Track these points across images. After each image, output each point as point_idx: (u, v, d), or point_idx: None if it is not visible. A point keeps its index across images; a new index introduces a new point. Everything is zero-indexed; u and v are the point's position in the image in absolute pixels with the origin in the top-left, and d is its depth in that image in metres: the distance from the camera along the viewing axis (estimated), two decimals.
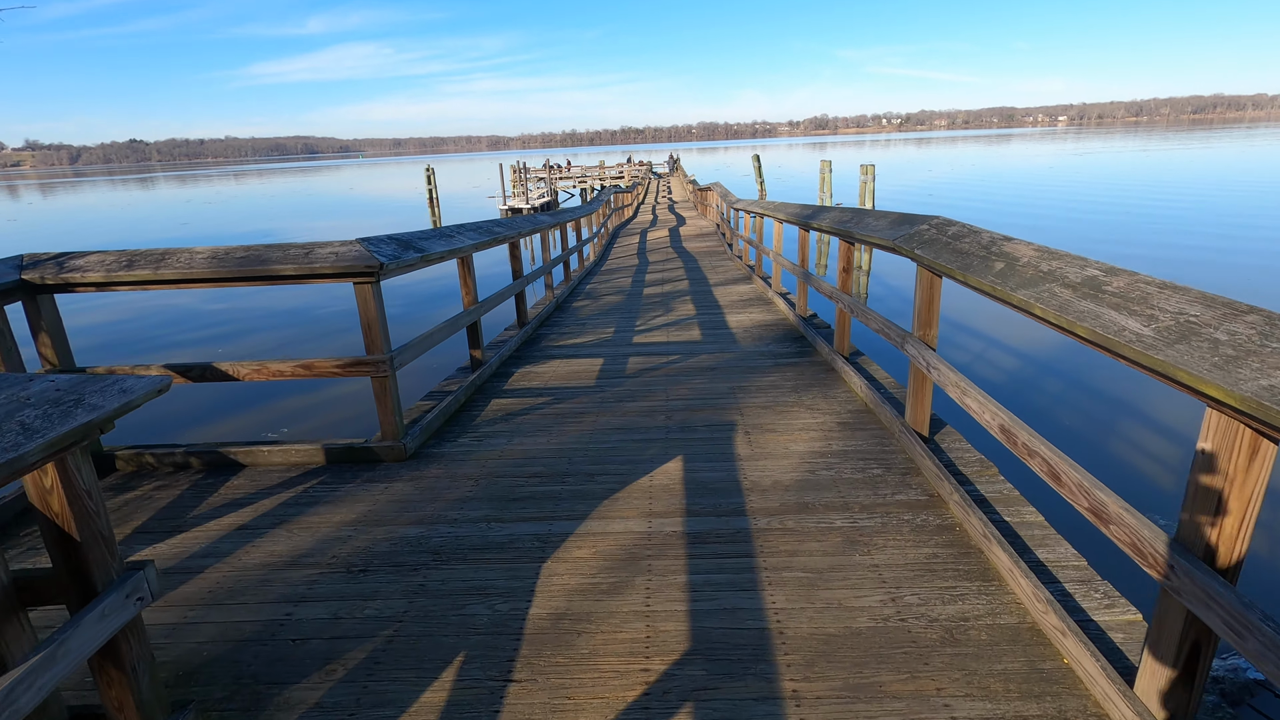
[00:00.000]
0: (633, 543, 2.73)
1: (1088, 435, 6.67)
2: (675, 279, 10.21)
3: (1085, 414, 7.19)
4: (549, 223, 7.62)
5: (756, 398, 4.37)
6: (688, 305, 7.93)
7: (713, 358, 5.45)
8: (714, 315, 7.23)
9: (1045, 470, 2.09)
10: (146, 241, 29.94)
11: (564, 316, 7.62)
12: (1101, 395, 7.64)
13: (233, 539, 2.88)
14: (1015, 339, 9.67)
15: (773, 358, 5.38)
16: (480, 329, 5.09)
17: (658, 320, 7.14)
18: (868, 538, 2.70)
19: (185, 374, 3.41)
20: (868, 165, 24.37)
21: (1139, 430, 6.71)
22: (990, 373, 8.52)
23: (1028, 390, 7.90)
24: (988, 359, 9.08)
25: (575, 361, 5.53)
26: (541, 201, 37.62)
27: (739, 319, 6.99)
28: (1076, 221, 22.90)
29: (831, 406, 4.15)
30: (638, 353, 5.74)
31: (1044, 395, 7.74)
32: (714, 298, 8.37)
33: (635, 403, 4.38)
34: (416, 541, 2.81)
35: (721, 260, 12.19)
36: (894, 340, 3.60)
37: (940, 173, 53.41)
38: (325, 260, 3.19)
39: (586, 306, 8.21)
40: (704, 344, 5.94)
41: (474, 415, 4.29)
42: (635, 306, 8.06)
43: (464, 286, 4.90)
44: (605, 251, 14.40)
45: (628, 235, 17.37)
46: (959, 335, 9.96)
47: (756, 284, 9.15)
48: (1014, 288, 2.14)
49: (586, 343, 6.22)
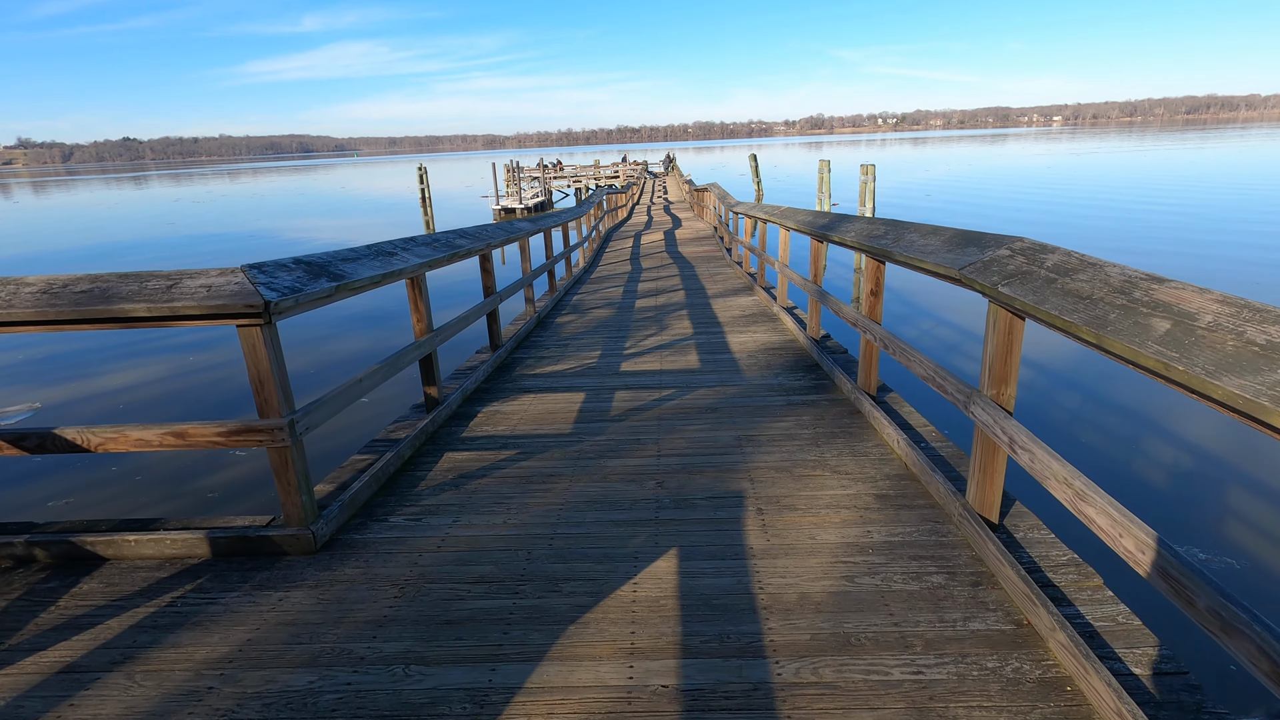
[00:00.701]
0: (606, 709, 1.91)
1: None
2: (670, 288, 9.39)
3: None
4: (528, 230, 6.78)
5: (769, 453, 3.55)
6: (684, 322, 7.10)
7: (714, 392, 4.62)
8: (714, 335, 6.41)
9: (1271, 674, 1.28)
10: (119, 246, 28.99)
11: (545, 335, 6.79)
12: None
13: (46, 692, 2.05)
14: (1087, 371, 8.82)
15: (784, 393, 4.55)
16: (435, 362, 4.25)
17: (650, 340, 6.31)
18: (942, 703, 1.88)
19: (17, 443, 2.57)
20: (868, 165, 23.56)
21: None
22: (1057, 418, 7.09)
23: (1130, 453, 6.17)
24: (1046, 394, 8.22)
25: (552, 397, 4.70)
26: (535, 201, 36.75)
27: (742, 340, 6.16)
28: (1085, 221, 22.15)
29: (864, 469, 3.33)
30: (626, 384, 4.91)
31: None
32: (713, 312, 7.54)
33: (619, 459, 3.55)
34: (301, 700, 1.98)
35: (720, 267, 11.37)
36: (953, 397, 2.78)
37: (937, 172, 52.73)
38: (193, 296, 2.35)
39: (572, 323, 7.38)
40: (703, 373, 5.12)
41: (419, 476, 3.46)
42: (626, 322, 7.24)
43: (414, 312, 4.07)
44: (597, 256, 13.57)
45: (621, 238, 16.54)
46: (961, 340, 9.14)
47: (759, 296, 8.33)
48: (1213, 372, 1.32)
49: (568, 370, 5.39)
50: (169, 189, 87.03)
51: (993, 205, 29.23)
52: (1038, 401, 7.45)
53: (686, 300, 8.41)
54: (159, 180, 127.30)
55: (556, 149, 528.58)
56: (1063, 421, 6.90)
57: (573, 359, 5.75)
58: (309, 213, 44.88)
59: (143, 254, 25.03)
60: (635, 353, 5.87)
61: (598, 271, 11.67)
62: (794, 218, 5.88)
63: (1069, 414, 7.09)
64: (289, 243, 27.59)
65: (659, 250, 13.90)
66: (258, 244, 27.73)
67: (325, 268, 2.84)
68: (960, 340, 10.02)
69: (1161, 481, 5.68)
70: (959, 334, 10.29)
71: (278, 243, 27.66)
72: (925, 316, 11.36)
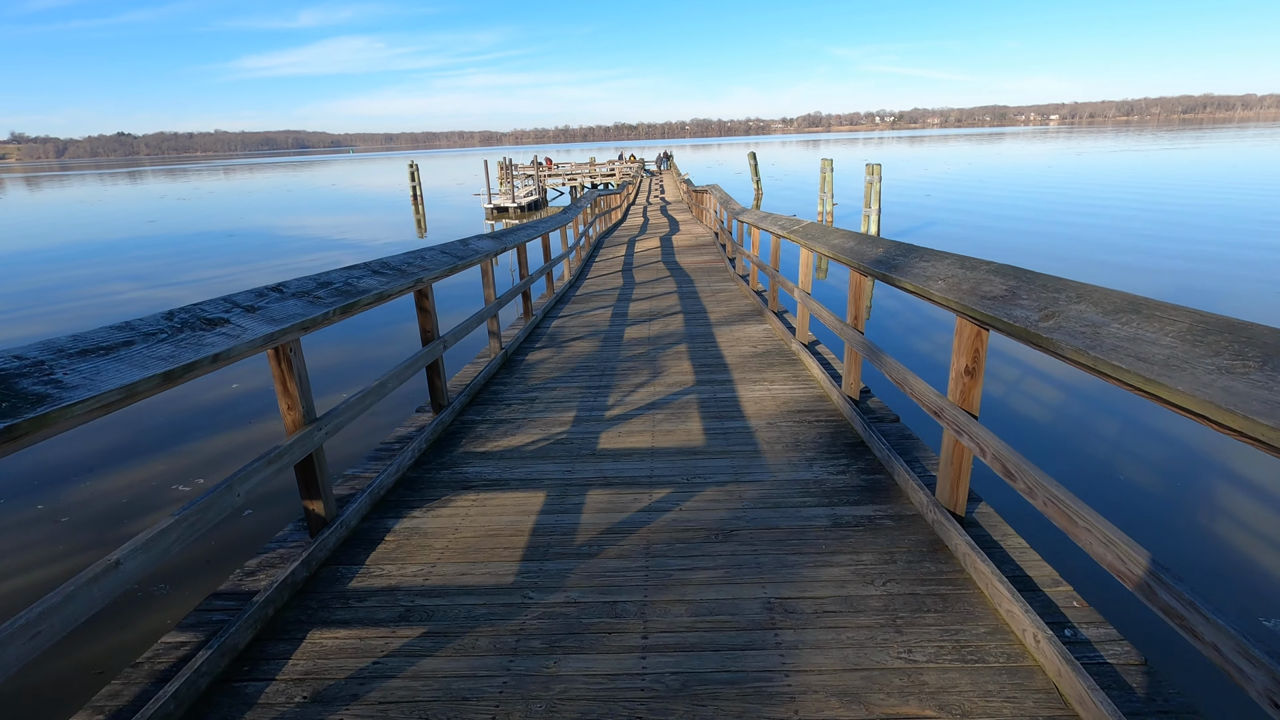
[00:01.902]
0: None
1: None
2: (667, 310, 8.04)
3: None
4: (488, 250, 5.43)
5: (823, 650, 2.17)
6: (682, 362, 5.76)
7: (725, 495, 3.28)
8: (720, 386, 5.06)
9: None
10: (87, 247, 27.52)
11: (510, 381, 5.43)
12: None
13: None
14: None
15: (826, 498, 3.20)
16: (320, 466, 2.89)
17: (640, 393, 4.96)
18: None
19: None
20: (873, 165, 22.23)
21: None
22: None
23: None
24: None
25: (499, 500, 3.34)
26: (529, 200, 35.37)
27: (757, 395, 4.82)
28: (1097, 223, 20.83)
29: (987, 698, 1.97)
30: (604, 475, 3.56)
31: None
32: (718, 348, 6.20)
33: (579, 659, 2.21)
34: None
35: (723, 281, 10.03)
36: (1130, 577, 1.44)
37: (936, 171, 51.54)
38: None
39: (546, 361, 6.02)
40: (709, 455, 3.77)
41: (251, 694, 2.11)
42: (612, 361, 5.89)
43: (283, 397, 2.71)
44: (585, 266, 12.21)
45: (613, 245, 15.18)
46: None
47: (771, 324, 6.99)
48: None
49: (529, 447, 4.03)
50: (158, 185, 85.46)
51: (996, 204, 27.91)
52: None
53: (685, 328, 7.06)
54: (152, 176, 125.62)
55: (554, 146, 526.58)
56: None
57: (538, 424, 4.40)
58: (295, 210, 43.57)
59: (108, 256, 23.58)
60: (620, 415, 4.52)
61: (585, 285, 10.32)
62: (826, 241, 4.53)
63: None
64: (272, 241, 26.18)
65: (654, 260, 12.54)
66: (234, 244, 26.35)
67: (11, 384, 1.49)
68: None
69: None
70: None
71: (258, 242, 26.25)
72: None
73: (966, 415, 2.62)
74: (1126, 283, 12.94)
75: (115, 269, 20.92)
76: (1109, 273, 13.99)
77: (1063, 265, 15.03)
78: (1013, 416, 7.16)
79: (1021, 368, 8.46)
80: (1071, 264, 15.09)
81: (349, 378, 9.00)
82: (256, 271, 19.40)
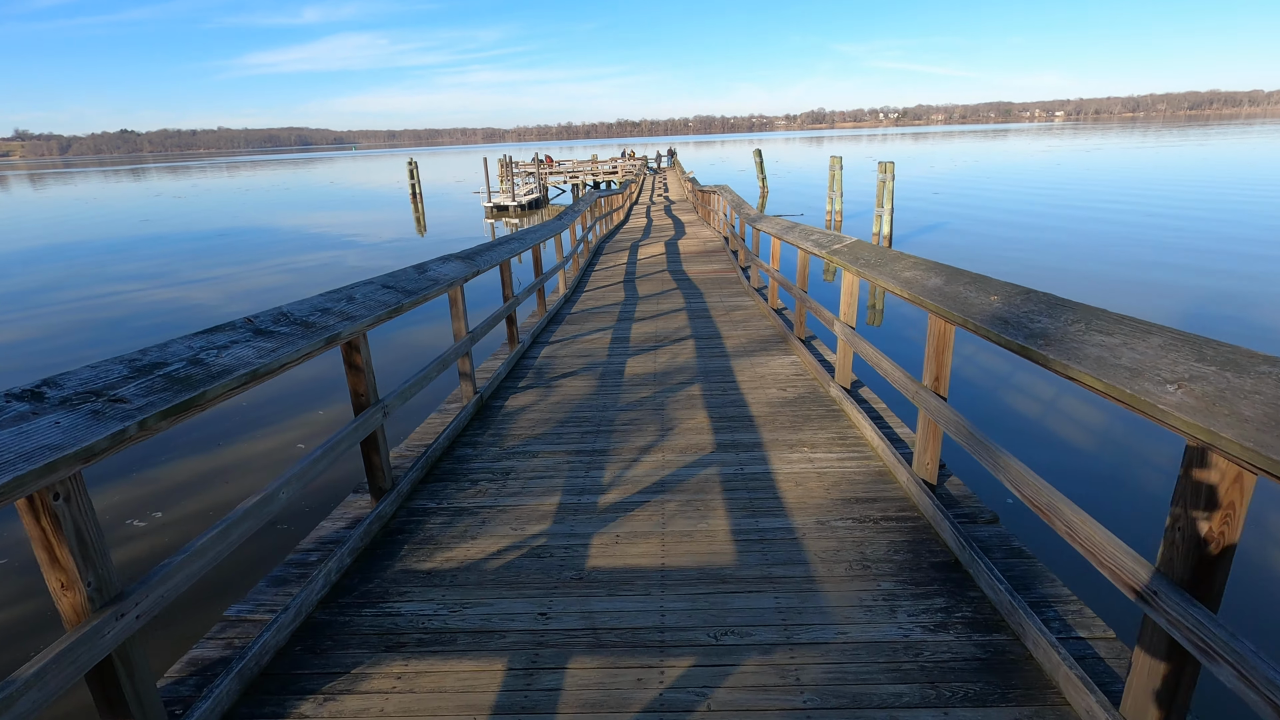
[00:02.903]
0: None
1: None
2: (675, 335, 6.94)
3: None
4: (453, 277, 4.33)
5: None
6: (697, 412, 4.65)
7: (773, 674, 2.16)
8: (748, 452, 3.95)
9: None
10: (63, 247, 26.47)
11: (479, 443, 4.31)
12: None
13: None
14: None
15: (931, 688, 2.08)
16: (134, 673, 1.79)
17: (644, 465, 3.84)
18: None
19: None
20: (886, 162, 21.05)
21: None
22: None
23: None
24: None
25: (431, 679, 2.21)
26: (530, 198, 34.23)
27: (796, 468, 3.71)
28: (1110, 223, 19.61)
29: None
30: (591, 634, 2.42)
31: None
32: (739, 390, 5.10)
33: None
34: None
35: (736, 296, 8.92)
36: None
37: (943, 168, 50.33)
38: None
39: (527, 410, 4.91)
40: (743, 585, 2.65)
41: None
42: (609, 410, 4.78)
43: (51, 571, 1.63)
44: (584, 275, 11.11)
45: (615, 250, 14.06)
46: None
47: (799, 355, 5.89)
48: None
49: (490, 562, 2.91)
50: (157, 183, 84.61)
51: (1012, 202, 26.67)
52: None
53: (698, 360, 5.96)
54: (154, 173, 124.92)
55: (557, 143, 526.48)
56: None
57: (509, 516, 3.29)
58: (292, 209, 42.63)
59: (82, 259, 22.51)
60: (618, 501, 3.41)
61: (583, 298, 9.21)
62: (892, 272, 3.40)
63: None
64: (265, 242, 25.08)
65: (659, 269, 11.42)
66: (224, 245, 25.31)
67: None
68: None
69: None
70: None
71: (250, 242, 25.16)
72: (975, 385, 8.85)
73: (1204, 612, 1.51)
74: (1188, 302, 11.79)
75: (79, 275, 19.85)
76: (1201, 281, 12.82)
77: (1156, 277, 13.87)
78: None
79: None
80: (1166, 273, 13.92)
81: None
82: (249, 273, 18.31)
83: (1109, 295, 12.03)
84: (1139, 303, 11.59)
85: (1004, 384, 8.15)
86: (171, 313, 14.30)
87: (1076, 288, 12.66)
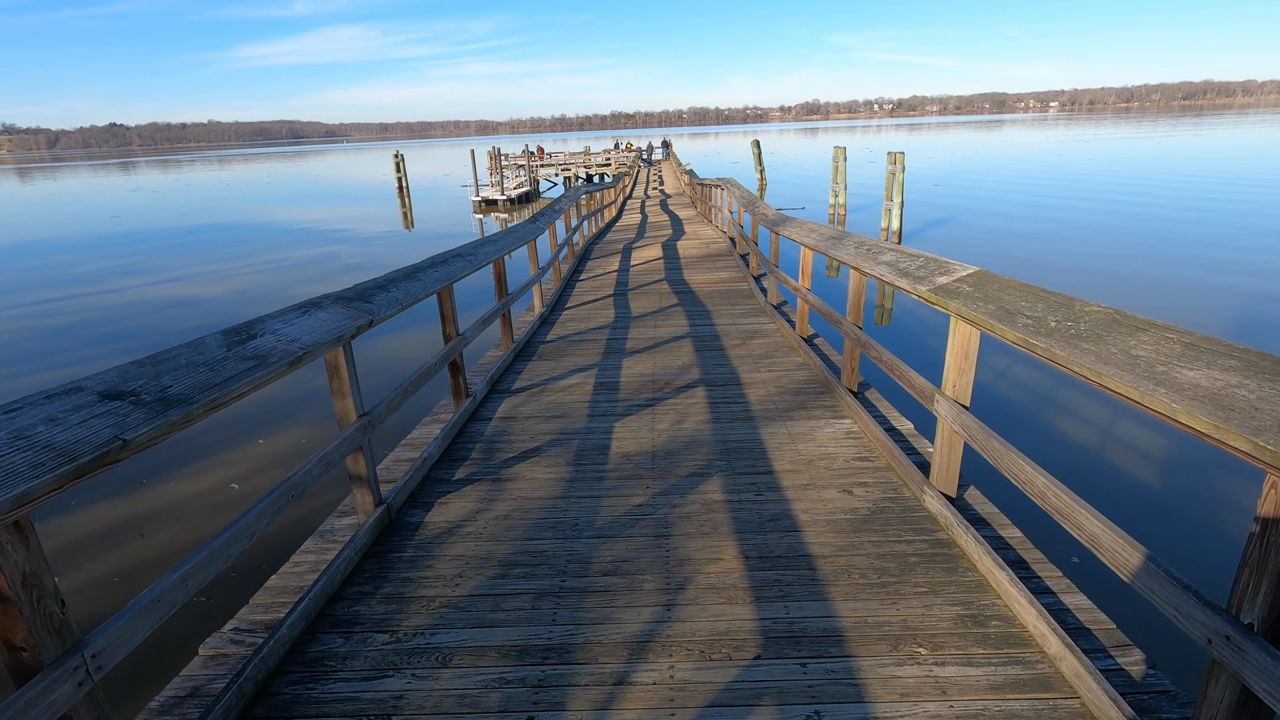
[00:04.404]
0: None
1: None
2: (679, 379, 5.20)
3: None
4: (309, 344, 2.55)
5: None
6: (723, 551, 2.89)
7: None
8: (818, 659, 2.21)
9: None
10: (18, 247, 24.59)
11: (358, 621, 2.54)
12: None
13: None
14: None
15: None
16: None
17: (638, 693, 2.12)
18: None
19: None
20: (896, 153, 19.30)
21: None
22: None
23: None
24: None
25: None
26: (519, 191, 32.33)
27: (930, 713, 1.98)
28: (1122, 217, 17.90)
29: None
30: None
31: None
32: (782, 498, 3.34)
33: None
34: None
35: (752, 317, 7.18)
36: None
37: (941, 159, 48.78)
38: None
39: (456, 538, 3.11)
40: None
41: None
42: (582, 535, 3.03)
43: None
44: (567, 287, 9.32)
45: (604, 255, 12.26)
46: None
47: (857, 421, 4.17)
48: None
49: None
50: (141, 177, 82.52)
51: (1011, 199, 24.95)
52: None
53: (713, 431, 4.20)
54: (143, 167, 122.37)
55: (550, 135, 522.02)
56: None
57: None
58: (274, 203, 40.91)
59: (36, 260, 20.62)
60: None
61: (563, 321, 7.44)
62: (1072, 317, 1.66)
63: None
64: (235, 239, 23.17)
65: (656, 278, 9.65)
66: (190, 241, 23.54)
67: None
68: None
69: None
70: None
71: (219, 238, 23.29)
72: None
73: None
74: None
75: (25, 280, 17.96)
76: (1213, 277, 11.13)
77: (1184, 276, 12.17)
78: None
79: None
80: (1186, 271, 12.21)
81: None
82: (212, 275, 16.41)
83: (1150, 298, 10.34)
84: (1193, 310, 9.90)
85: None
86: (109, 322, 12.49)
87: (1109, 290, 10.96)
